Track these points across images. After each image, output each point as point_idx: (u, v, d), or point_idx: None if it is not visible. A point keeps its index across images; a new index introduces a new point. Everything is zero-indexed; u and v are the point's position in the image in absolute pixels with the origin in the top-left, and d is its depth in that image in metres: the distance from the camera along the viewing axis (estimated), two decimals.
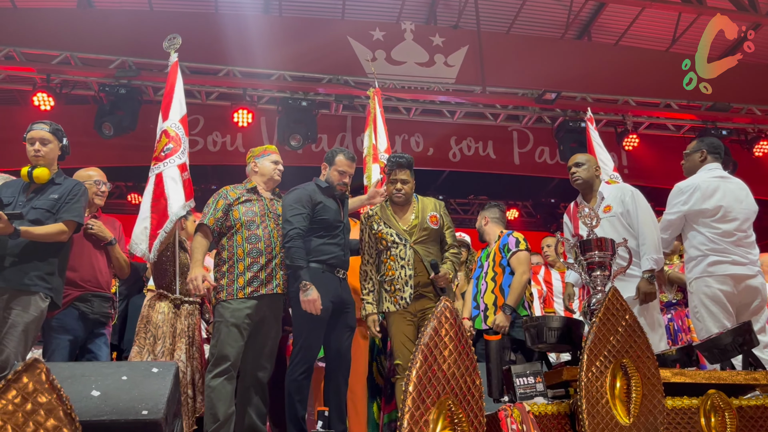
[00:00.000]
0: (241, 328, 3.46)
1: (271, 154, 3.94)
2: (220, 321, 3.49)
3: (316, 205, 3.67)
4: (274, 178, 3.89)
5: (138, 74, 7.16)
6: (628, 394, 2.34)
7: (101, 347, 3.80)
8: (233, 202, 3.69)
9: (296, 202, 3.65)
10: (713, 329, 3.61)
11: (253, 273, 3.54)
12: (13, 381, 1.15)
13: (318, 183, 3.82)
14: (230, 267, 3.57)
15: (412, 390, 1.78)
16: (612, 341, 2.37)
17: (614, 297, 2.45)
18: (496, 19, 9.04)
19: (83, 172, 4.02)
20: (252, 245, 3.59)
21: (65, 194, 3.48)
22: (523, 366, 2.55)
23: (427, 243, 3.81)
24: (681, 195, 3.92)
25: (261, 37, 7.63)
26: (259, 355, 3.58)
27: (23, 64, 7.08)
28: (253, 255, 3.57)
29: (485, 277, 4.35)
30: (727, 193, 3.89)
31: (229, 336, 3.43)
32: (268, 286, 3.56)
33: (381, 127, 5.51)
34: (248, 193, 3.76)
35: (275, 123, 7.89)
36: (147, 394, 2.87)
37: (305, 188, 3.76)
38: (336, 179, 3.79)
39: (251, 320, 3.50)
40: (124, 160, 7.83)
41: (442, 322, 1.90)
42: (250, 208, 3.69)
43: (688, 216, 3.89)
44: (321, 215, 3.67)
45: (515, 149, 8.89)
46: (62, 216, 3.41)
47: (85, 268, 3.77)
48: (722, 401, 2.62)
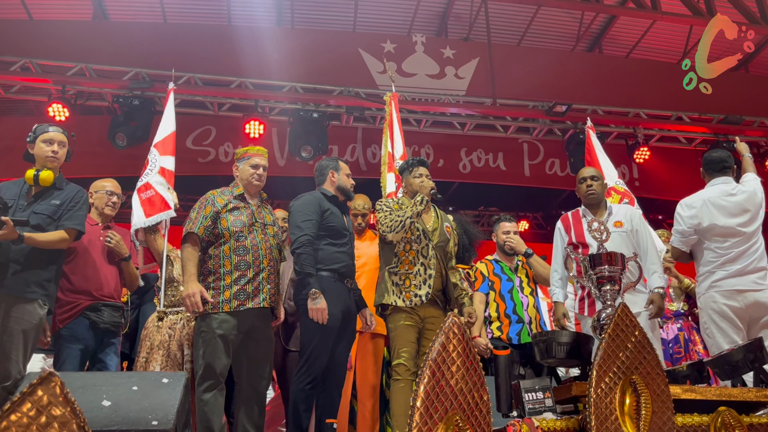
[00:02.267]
0: (228, 340, 3.35)
1: (252, 156, 3.70)
2: (206, 332, 3.36)
3: (324, 211, 3.63)
4: (253, 183, 3.65)
5: (151, 85, 7.23)
6: (638, 410, 2.33)
7: (111, 357, 3.81)
8: (221, 209, 3.53)
9: (306, 208, 3.59)
10: (724, 345, 3.59)
11: (240, 286, 3.42)
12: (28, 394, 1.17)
13: (323, 192, 3.78)
14: (216, 279, 3.44)
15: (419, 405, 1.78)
16: (621, 357, 2.36)
17: (623, 313, 2.44)
18: (507, 32, 9.07)
19: (99, 182, 4.07)
20: (240, 257, 3.46)
21: (67, 201, 3.45)
22: (532, 381, 2.55)
23: (443, 250, 3.81)
24: (690, 209, 3.92)
25: (273, 49, 7.71)
26: (254, 364, 3.48)
27: (39, 75, 7.18)
28: (240, 268, 3.44)
29: (522, 291, 4.38)
30: (732, 206, 3.89)
31: (216, 348, 3.32)
32: (254, 300, 3.43)
33: (397, 134, 5.48)
34: (235, 200, 3.60)
35: (286, 134, 7.94)
36: (157, 404, 2.90)
37: (312, 195, 3.72)
38: (347, 182, 3.80)
39: (239, 331, 3.39)
40: (137, 170, 7.86)
41: (450, 338, 1.91)
42: (239, 217, 3.54)
43: (697, 231, 3.89)
44: (330, 222, 3.63)
45: (526, 161, 8.88)
46: (64, 223, 3.39)
47: (96, 277, 3.78)
48: (733, 418, 2.60)
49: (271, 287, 3.54)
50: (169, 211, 4.47)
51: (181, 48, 7.68)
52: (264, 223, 3.63)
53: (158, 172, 4.68)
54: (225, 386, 3.40)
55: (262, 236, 3.57)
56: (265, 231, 3.61)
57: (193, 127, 7.99)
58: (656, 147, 8.74)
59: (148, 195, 4.49)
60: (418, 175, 3.80)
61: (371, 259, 4.18)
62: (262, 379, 3.51)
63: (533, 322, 4.33)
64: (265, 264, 3.52)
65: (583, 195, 4.03)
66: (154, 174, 4.64)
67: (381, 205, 3.78)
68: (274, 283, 3.57)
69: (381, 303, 3.65)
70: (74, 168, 3.23)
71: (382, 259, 3.77)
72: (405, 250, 3.68)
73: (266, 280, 3.50)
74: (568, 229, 3.98)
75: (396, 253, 3.68)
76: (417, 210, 3.60)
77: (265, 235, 3.60)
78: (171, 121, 5.05)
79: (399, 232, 3.59)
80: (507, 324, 4.33)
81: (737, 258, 3.79)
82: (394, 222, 3.59)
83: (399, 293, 3.58)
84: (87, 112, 7.97)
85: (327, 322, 3.40)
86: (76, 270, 3.73)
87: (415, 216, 3.60)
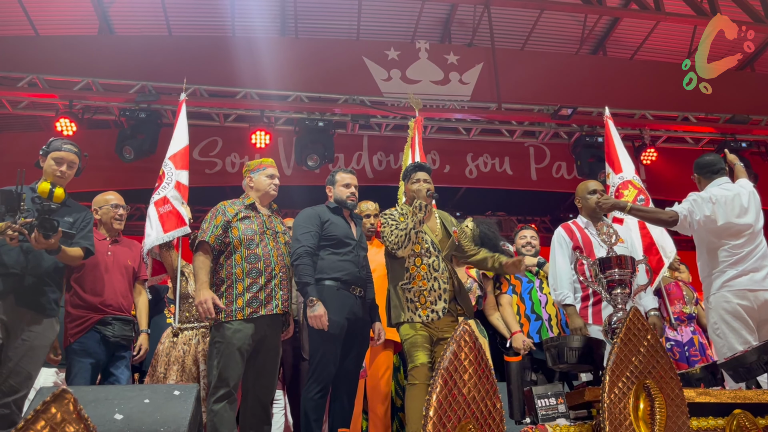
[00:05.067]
0: (242, 351, 3.36)
1: (266, 168, 3.82)
2: (221, 342, 3.38)
3: (324, 222, 3.66)
4: (270, 193, 3.77)
5: (158, 98, 7.27)
6: (652, 415, 2.31)
7: (123, 370, 3.82)
8: (231, 219, 3.59)
9: (305, 221, 3.64)
10: (736, 345, 3.56)
11: (252, 294, 3.45)
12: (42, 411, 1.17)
13: (327, 205, 3.83)
14: (228, 287, 3.48)
15: (432, 415, 1.77)
16: (634, 362, 2.34)
17: (635, 317, 2.43)
18: (511, 36, 9.08)
19: (101, 197, 4.09)
20: (251, 265, 3.50)
21: (80, 220, 3.50)
22: (545, 387, 2.53)
23: (452, 257, 3.80)
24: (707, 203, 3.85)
25: (277, 59, 7.75)
26: (261, 375, 3.49)
27: (46, 90, 7.23)
28: (252, 275, 3.48)
29: (541, 290, 4.47)
30: (739, 206, 3.87)
31: (230, 359, 3.33)
32: (267, 306, 3.46)
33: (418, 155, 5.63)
34: (246, 210, 3.66)
35: (293, 143, 7.96)
36: (169, 417, 2.89)
37: (314, 208, 3.76)
38: (344, 193, 3.79)
39: (252, 341, 3.41)
40: (145, 182, 7.93)
41: (461, 346, 1.90)
42: (249, 226, 3.59)
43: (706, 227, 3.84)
44: (330, 232, 3.65)
45: (532, 165, 8.87)
46: (80, 242, 3.43)
47: (106, 291, 3.80)
48: (748, 421, 2.58)
49: (284, 293, 3.56)
50: (185, 227, 4.47)
51: (187, 60, 7.72)
52: (275, 231, 3.68)
53: (174, 186, 4.68)
54: (236, 398, 3.40)
55: (274, 244, 3.61)
56: (276, 239, 3.65)
57: (200, 138, 8.04)
58: (663, 148, 8.71)
59: (165, 210, 4.50)
60: (416, 180, 3.80)
61: (380, 266, 4.15)
62: (269, 391, 3.53)
63: (553, 319, 4.34)
64: (277, 271, 3.55)
65: (593, 207, 3.97)
66: (170, 188, 4.64)
67: (385, 218, 3.78)
68: (286, 290, 3.60)
69: (400, 322, 3.59)
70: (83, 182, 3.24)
71: (390, 273, 3.75)
72: (416, 264, 3.63)
73: (278, 287, 3.53)
74: (571, 235, 3.93)
75: (407, 268, 3.65)
76: (418, 218, 3.60)
77: (277, 242, 3.64)
78: (184, 134, 5.02)
79: (407, 247, 3.60)
80: (527, 324, 4.39)
81: (747, 257, 3.76)
82: (399, 237, 3.59)
83: (415, 309, 3.56)
84: (94, 126, 8.03)
85: (330, 329, 3.40)
86: (86, 285, 3.75)
87: (418, 225, 3.60)
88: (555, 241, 3.97)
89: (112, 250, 3.95)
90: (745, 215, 3.85)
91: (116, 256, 3.94)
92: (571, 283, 3.81)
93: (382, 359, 4.21)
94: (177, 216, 4.49)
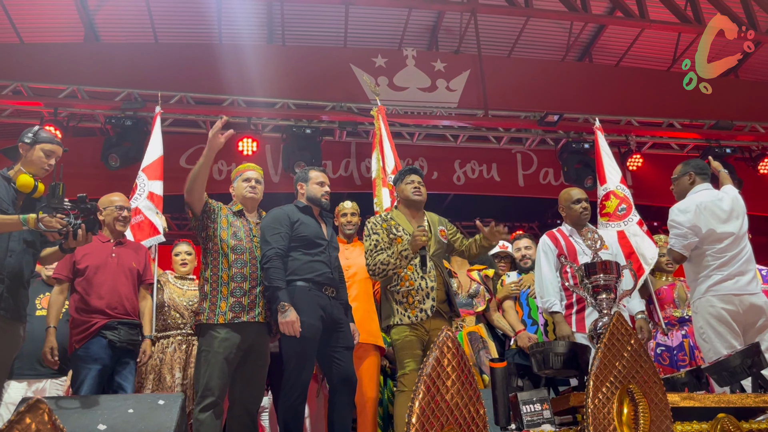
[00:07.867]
0: (229, 360, 3.32)
1: (243, 172, 3.80)
2: (207, 351, 3.33)
3: (294, 222, 3.60)
4: (247, 197, 3.73)
5: (143, 106, 7.22)
6: (636, 420, 2.31)
7: (128, 378, 3.74)
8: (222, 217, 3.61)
9: (273, 222, 3.57)
10: (721, 350, 3.58)
11: (236, 298, 3.42)
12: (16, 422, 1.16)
13: (296, 204, 3.75)
14: (213, 289, 3.45)
15: (415, 422, 1.77)
16: (618, 366, 2.35)
17: (618, 322, 2.43)
18: (497, 43, 9.13)
19: (106, 198, 4.04)
20: (237, 270, 3.48)
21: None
22: (530, 393, 2.53)
23: (440, 257, 3.79)
24: (686, 213, 3.93)
25: (264, 66, 7.73)
26: (249, 384, 3.44)
27: (31, 98, 7.18)
28: (236, 280, 3.46)
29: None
30: (721, 211, 3.91)
31: (216, 367, 3.28)
32: (250, 313, 3.42)
33: (388, 148, 5.50)
34: (234, 216, 3.66)
35: (280, 151, 7.94)
36: (153, 426, 2.88)
37: (282, 208, 3.69)
38: (318, 191, 3.73)
39: (239, 350, 3.37)
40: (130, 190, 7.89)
41: (444, 352, 1.90)
42: (236, 232, 3.58)
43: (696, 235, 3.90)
44: (300, 233, 3.58)
45: (519, 171, 8.89)
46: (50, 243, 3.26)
47: (111, 295, 3.73)
48: (732, 425, 2.59)
49: (267, 302, 3.50)
50: (159, 236, 4.54)
51: (173, 67, 7.70)
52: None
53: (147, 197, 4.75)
54: (223, 409, 3.35)
55: (259, 252, 3.57)
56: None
57: (187, 145, 7.98)
58: (649, 154, 8.77)
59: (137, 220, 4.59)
60: (410, 181, 3.81)
61: (361, 269, 4.12)
62: (257, 400, 3.48)
63: (549, 325, 4.33)
64: (262, 278, 3.50)
65: (577, 216, 4.05)
66: (143, 199, 4.73)
67: (368, 230, 3.78)
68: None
69: (390, 325, 3.63)
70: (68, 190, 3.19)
71: None
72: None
73: (262, 295, 3.49)
74: (556, 243, 4.00)
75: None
76: (401, 265, 3.63)
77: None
78: (158, 145, 5.12)
79: (380, 279, 3.68)
80: (524, 329, 4.42)
81: (731, 261, 3.81)
82: (377, 267, 3.64)
83: (404, 311, 3.58)
84: (80, 134, 7.96)
85: (304, 332, 3.33)
86: (90, 289, 3.69)
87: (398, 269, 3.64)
88: (540, 249, 4.03)
89: (116, 252, 3.89)
90: (727, 221, 3.90)
91: (120, 258, 3.88)
92: (557, 290, 3.87)
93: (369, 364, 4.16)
94: (150, 226, 4.58)
